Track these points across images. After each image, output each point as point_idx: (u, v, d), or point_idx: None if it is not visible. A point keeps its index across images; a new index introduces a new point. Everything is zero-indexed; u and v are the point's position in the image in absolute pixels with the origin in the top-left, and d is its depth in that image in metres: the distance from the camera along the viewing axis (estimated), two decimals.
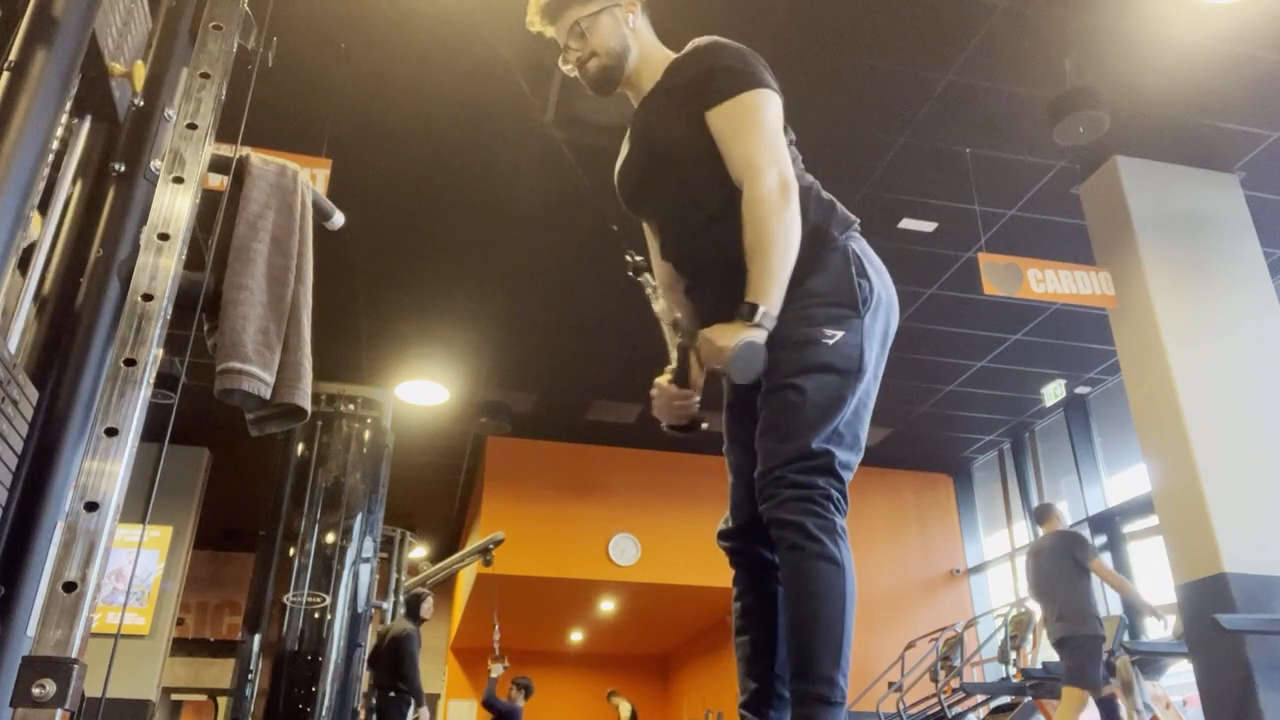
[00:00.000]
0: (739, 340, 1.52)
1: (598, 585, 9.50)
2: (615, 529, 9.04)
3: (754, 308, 1.53)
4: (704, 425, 1.77)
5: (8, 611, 1.01)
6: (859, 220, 1.73)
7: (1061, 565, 5.20)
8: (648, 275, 1.81)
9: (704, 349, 1.58)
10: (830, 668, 1.43)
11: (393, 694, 6.13)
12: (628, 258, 1.82)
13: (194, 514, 9.06)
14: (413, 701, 6.08)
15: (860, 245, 1.67)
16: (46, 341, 1.15)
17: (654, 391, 1.76)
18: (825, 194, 1.74)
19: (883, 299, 1.66)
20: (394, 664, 6.11)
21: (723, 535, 1.74)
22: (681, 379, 1.73)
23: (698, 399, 1.76)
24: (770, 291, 1.54)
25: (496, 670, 8.17)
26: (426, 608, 6.44)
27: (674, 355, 1.75)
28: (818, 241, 1.64)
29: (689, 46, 1.81)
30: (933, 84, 4.70)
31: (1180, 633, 5.13)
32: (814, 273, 1.62)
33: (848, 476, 1.55)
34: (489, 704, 8.28)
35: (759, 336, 1.53)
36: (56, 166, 1.20)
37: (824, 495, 1.49)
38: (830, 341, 1.57)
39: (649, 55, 1.85)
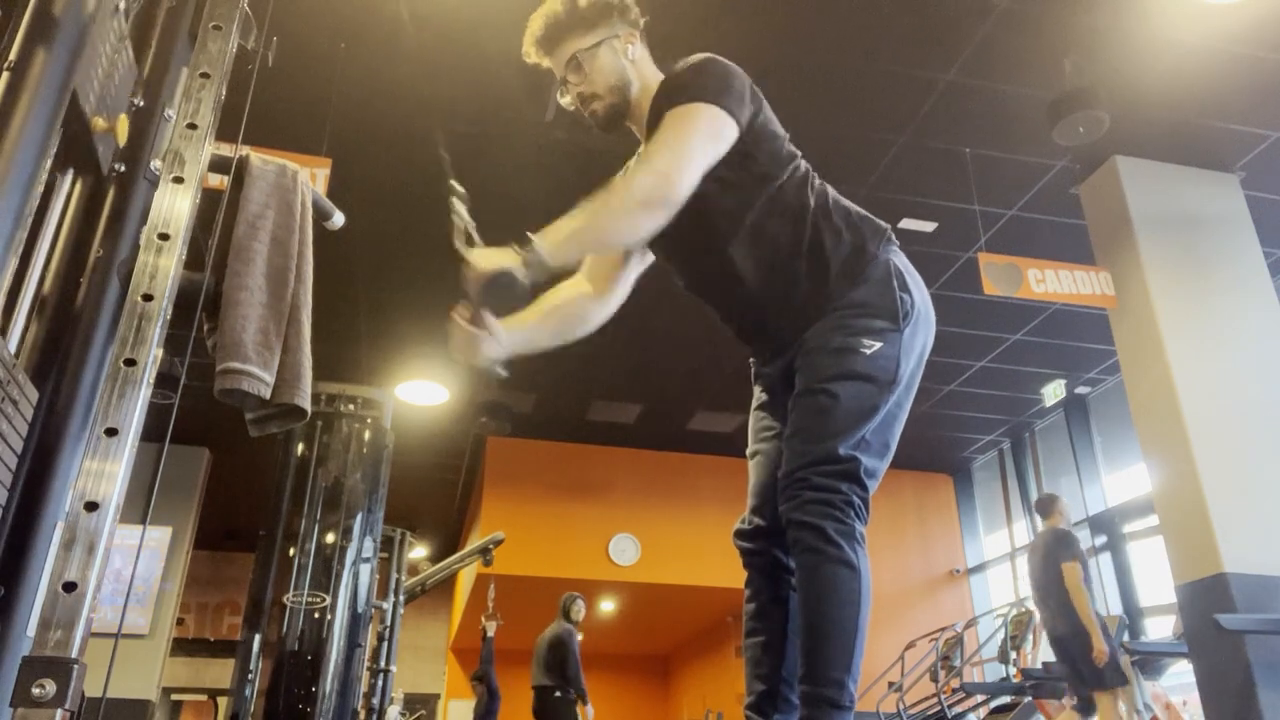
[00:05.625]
0: (495, 267, 1.46)
1: (598, 585, 9.50)
2: (615, 529, 9.04)
3: (530, 241, 1.47)
4: (503, 373, 1.65)
5: (8, 611, 1.01)
6: (890, 228, 1.73)
7: (1052, 565, 5.20)
8: (457, 201, 1.64)
9: (469, 272, 1.50)
10: (840, 672, 1.42)
11: (558, 694, 6.62)
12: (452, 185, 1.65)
13: (194, 514, 9.06)
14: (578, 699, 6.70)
15: (901, 260, 1.68)
16: (46, 341, 1.15)
17: (452, 328, 1.65)
18: (856, 208, 1.72)
19: (922, 314, 1.67)
20: (558, 664, 6.67)
21: (740, 535, 1.73)
22: (478, 317, 1.62)
23: (493, 337, 1.62)
24: (559, 239, 1.48)
25: (491, 628, 8.18)
26: (578, 610, 7.05)
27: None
28: (859, 257, 1.64)
29: (679, 64, 1.74)
30: (933, 84, 4.70)
31: (1180, 633, 5.13)
32: (856, 284, 1.62)
33: (873, 485, 1.55)
34: (485, 672, 8.28)
35: (520, 269, 1.46)
36: (44, 205, 1.14)
37: (845, 501, 1.49)
38: (868, 352, 1.57)
39: (648, 85, 1.78)
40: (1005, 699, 6.47)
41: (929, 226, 5.82)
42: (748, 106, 1.67)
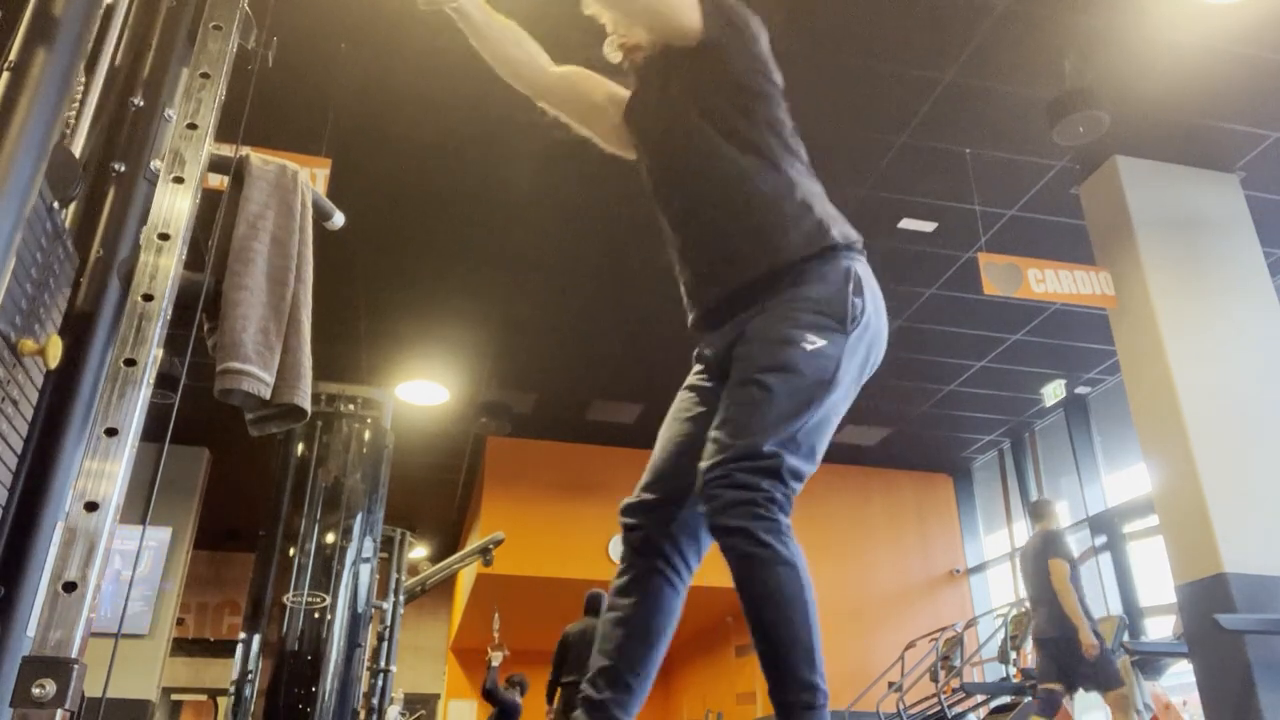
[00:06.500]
0: None
1: (598, 586, 9.50)
2: (615, 529, 8.97)
3: None
4: (451, 8, 1.80)
5: (8, 611, 1.01)
6: (861, 239, 1.71)
7: (1043, 566, 5.19)
8: None
9: None
10: (807, 672, 1.40)
11: None
12: None
13: (194, 514, 9.06)
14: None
15: (864, 269, 1.65)
16: None
17: None
18: (831, 207, 1.72)
19: (872, 324, 1.61)
20: None
21: (625, 510, 1.69)
22: None
23: None
24: None
25: (497, 659, 8.18)
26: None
27: None
28: (816, 244, 1.61)
29: None
30: (933, 84, 4.70)
31: (1180, 633, 5.13)
32: (810, 281, 1.58)
33: (796, 487, 1.49)
34: (490, 693, 8.29)
35: None
36: None
37: (768, 498, 1.44)
38: (809, 347, 1.52)
39: None
40: (1005, 699, 6.47)
41: (929, 226, 5.82)
42: (728, 22, 1.73)
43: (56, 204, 1.12)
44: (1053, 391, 7.80)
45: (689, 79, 1.75)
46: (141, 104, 1.34)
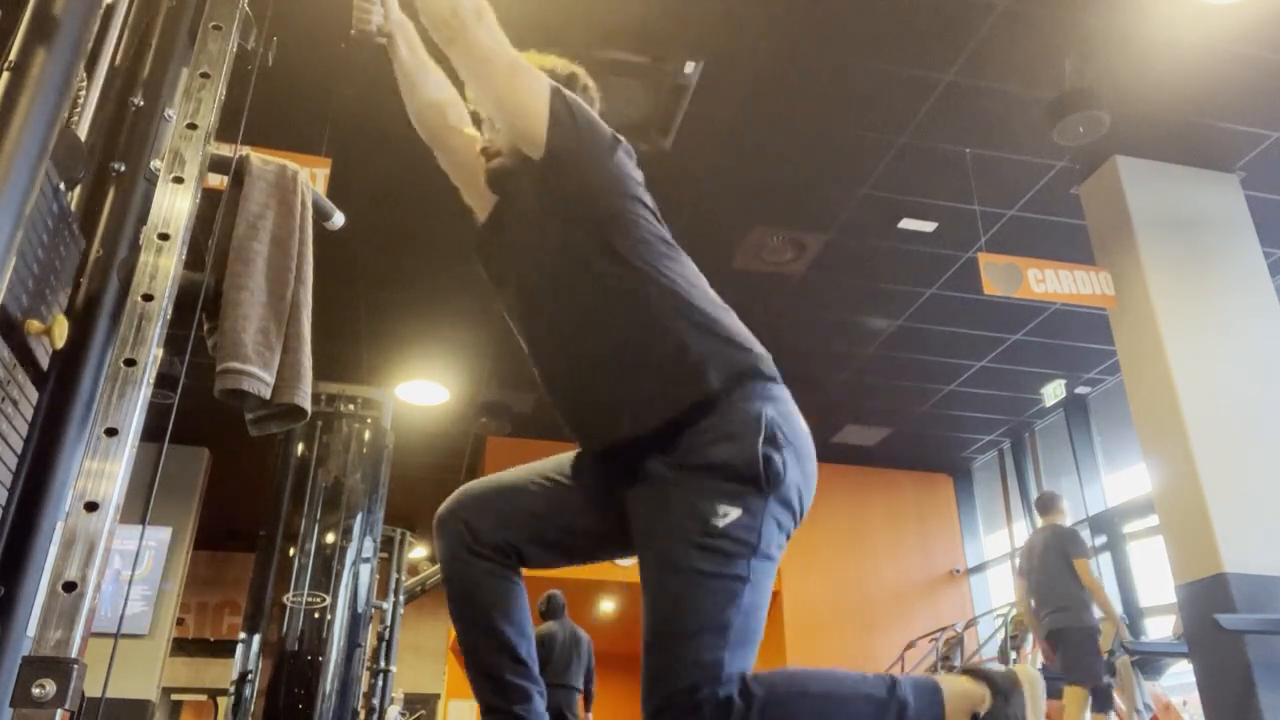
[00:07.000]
0: None
1: (598, 585, 9.51)
2: None
3: None
4: (381, 40, 1.85)
5: (8, 611, 1.01)
6: (768, 359, 1.48)
7: (1055, 560, 5.20)
8: None
9: None
10: (880, 692, 1.38)
11: (578, 692, 6.52)
12: None
13: (194, 514, 9.07)
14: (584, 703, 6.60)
15: (778, 409, 1.42)
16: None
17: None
18: (728, 329, 1.48)
19: (795, 479, 1.41)
20: (585, 666, 6.56)
21: (445, 519, 1.56)
22: None
23: (381, 12, 1.80)
24: None
25: None
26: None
27: None
28: (691, 396, 1.41)
29: None
30: (933, 84, 4.70)
31: (1180, 633, 5.13)
32: (713, 440, 1.38)
33: (745, 670, 1.36)
34: None
35: None
36: None
37: (710, 698, 1.31)
38: (721, 523, 1.34)
39: None
40: None
41: (929, 226, 5.82)
42: (576, 128, 1.55)
43: (62, 185, 1.12)
44: (1053, 391, 7.80)
45: (544, 204, 1.55)
46: (141, 104, 1.34)
